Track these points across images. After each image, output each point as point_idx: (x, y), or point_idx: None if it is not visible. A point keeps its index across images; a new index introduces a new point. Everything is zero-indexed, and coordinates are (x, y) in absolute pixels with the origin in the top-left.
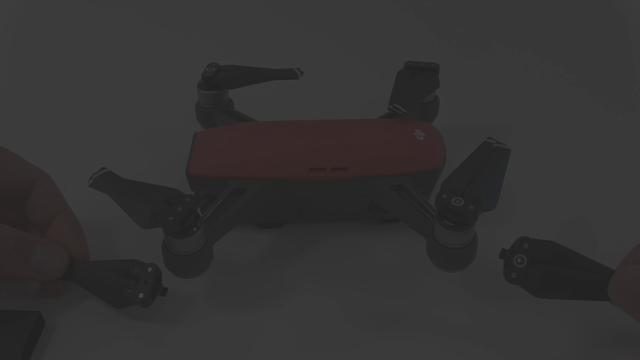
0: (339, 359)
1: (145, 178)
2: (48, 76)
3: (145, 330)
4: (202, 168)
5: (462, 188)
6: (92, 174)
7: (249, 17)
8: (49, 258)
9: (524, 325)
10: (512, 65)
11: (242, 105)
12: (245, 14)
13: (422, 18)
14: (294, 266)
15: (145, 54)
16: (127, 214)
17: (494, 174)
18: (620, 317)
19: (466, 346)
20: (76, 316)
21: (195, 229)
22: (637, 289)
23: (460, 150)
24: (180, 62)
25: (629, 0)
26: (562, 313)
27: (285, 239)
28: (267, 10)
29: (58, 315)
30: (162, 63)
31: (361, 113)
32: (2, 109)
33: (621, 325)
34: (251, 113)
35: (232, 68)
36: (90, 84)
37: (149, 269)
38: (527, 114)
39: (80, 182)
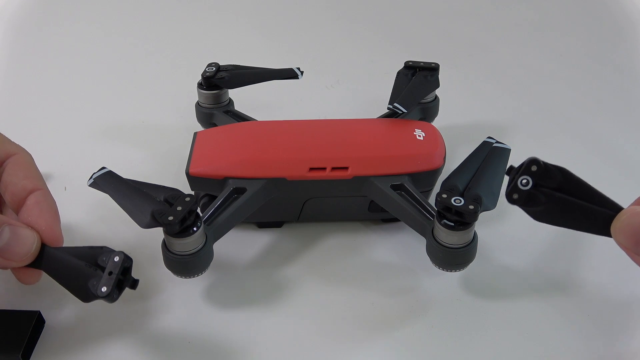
0: (339, 358)
1: (145, 178)
2: (48, 76)
3: (145, 330)
4: (202, 168)
5: (462, 188)
6: (92, 174)
7: (249, 17)
8: (16, 242)
9: (524, 325)
10: (512, 65)
11: (242, 105)
12: (245, 14)
13: (422, 18)
14: (294, 266)
15: (145, 53)
16: (127, 213)
17: (494, 173)
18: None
19: (466, 346)
20: (76, 316)
21: (195, 229)
22: (635, 232)
23: (460, 150)
24: (180, 62)
25: (629, 0)
26: (563, 313)
27: (285, 239)
28: (268, 9)
29: (58, 315)
30: (162, 63)
31: (361, 113)
32: (2, 109)
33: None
34: (251, 113)
35: (232, 68)
36: (90, 83)
37: (116, 258)
38: (527, 114)
39: (80, 182)
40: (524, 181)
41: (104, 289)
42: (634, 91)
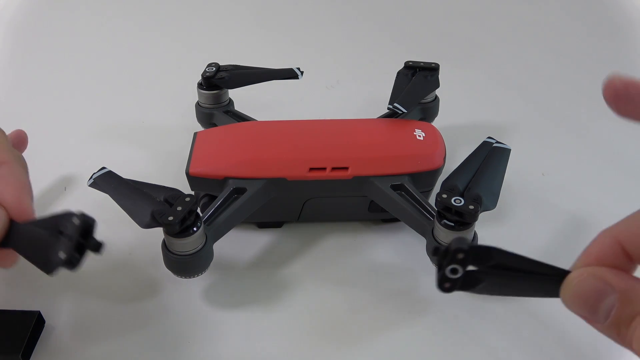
0: (339, 358)
1: (145, 178)
2: (48, 76)
3: (145, 330)
4: (202, 168)
5: (462, 188)
6: (92, 174)
7: (249, 17)
8: None
9: (524, 325)
10: (512, 65)
11: (242, 105)
12: (245, 14)
13: (422, 18)
14: (294, 266)
15: (145, 53)
16: (127, 213)
17: (494, 173)
18: None
19: (466, 345)
20: (76, 316)
21: (195, 229)
22: (591, 298)
23: (460, 150)
24: (180, 62)
25: (629, 0)
26: (563, 313)
27: (285, 239)
28: (268, 9)
29: (58, 315)
30: (162, 63)
31: (361, 113)
32: (2, 109)
33: None
34: (251, 113)
35: (232, 68)
36: (90, 83)
37: (75, 220)
38: (527, 114)
39: (80, 182)
40: (452, 270)
41: (61, 254)
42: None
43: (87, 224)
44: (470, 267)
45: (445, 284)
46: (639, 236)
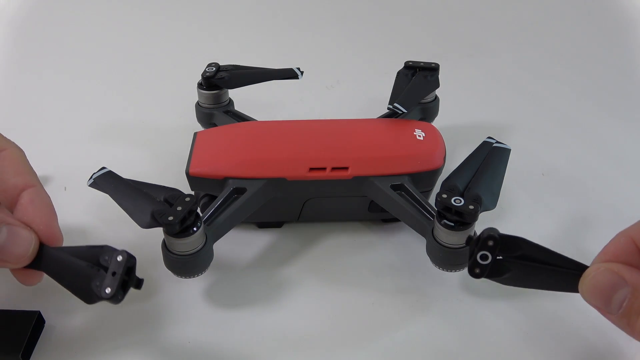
0: (339, 358)
1: (145, 178)
2: (48, 76)
3: (145, 330)
4: (202, 168)
5: (462, 188)
6: (92, 174)
7: (249, 17)
8: (14, 242)
9: (524, 325)
10: (512, 65)
11: (242, 105)
12: (245, 13)
13: (422, 18)
14: (294, 266)
15: (145, 53)
16: (127, 213)
17: (494, 173)
18: None
19: (466, 346)
20: (76, 316)
21: (195, 229)
22: (606, 290)
23: (460, 150)
24: (180, 62)
25: (629, 1)
26: (564, 312)
27: (285, 239)
28: (267, 10)
29: (58, 315)
30: (162, 63)
31: (361, 113)
32: (2, 109)
33: None
34: (251, 113)
35: (232, 68)
36: (90, 83)
37: (119, 257)
38: (527, 114)
39: (80, 182)
40: (483, 256)
41: (107, 290)
42: (634, 91)
43: (130, 262)
44: (499, 257)
45: (476, 269)
46: None
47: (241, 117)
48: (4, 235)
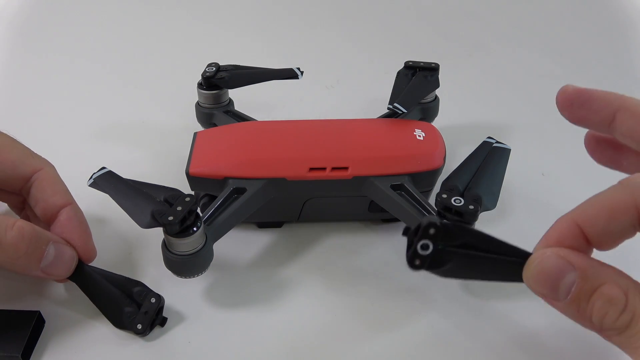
0: (339, 358)
1: (145, 178)
2: (48, 76)
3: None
4: (202, 168)
5: (462, 188)
6: (92, 174)
7: (249, 17)
8: (61, 260)
9: (524, 324)
10: (512, 65)
11: (242, 105)
12: (245, 13)
13: (422, 18)
14: (294, 266)
15: (145, 53)
16: (127, 213)
17: (494, 173)
18: None
19: (466, 345)
20: (76, 316)
21: (195, 229)
22: (552, 276)
23: (460, 150)
24: (180, 62)
25: (629, 1)
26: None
27: (285, 239)
28: (268, 10)
29: (58, 315)
30: (162, 63)
31: (361, 113)
32: (2, 109)
33: None
34: (251, 113)
35: (232, 68)
36: (90, 83)
37: (152, 300)
38: (527, 114)
39: (80, 182)
40: (423, 246)
41: (139, 326)
42: (634, 91)
43: (161, 304)
44: (439, 246)
45: (416, 261)
46: (595, 219)
47: (241, 117)
48: (52, 253)
